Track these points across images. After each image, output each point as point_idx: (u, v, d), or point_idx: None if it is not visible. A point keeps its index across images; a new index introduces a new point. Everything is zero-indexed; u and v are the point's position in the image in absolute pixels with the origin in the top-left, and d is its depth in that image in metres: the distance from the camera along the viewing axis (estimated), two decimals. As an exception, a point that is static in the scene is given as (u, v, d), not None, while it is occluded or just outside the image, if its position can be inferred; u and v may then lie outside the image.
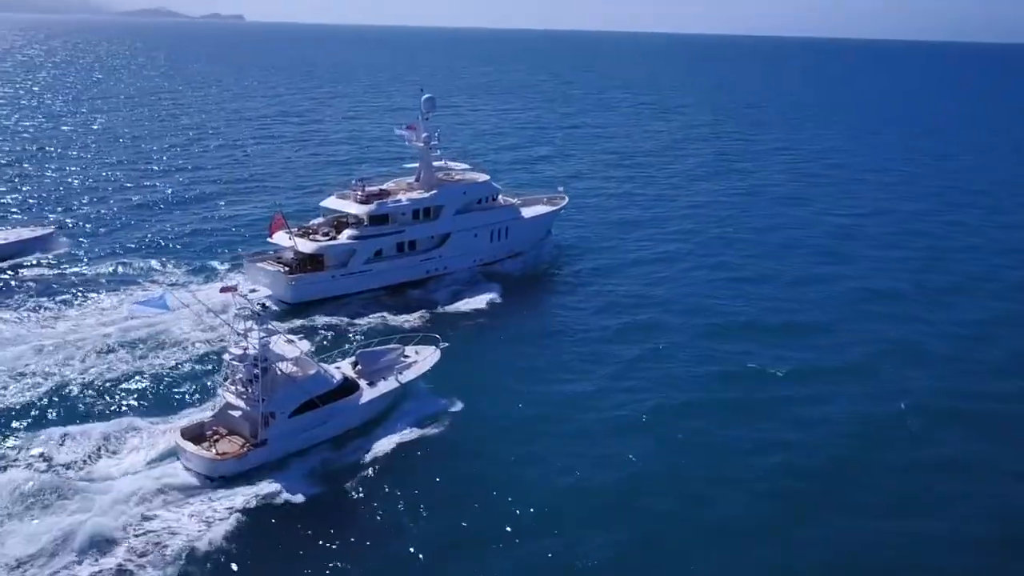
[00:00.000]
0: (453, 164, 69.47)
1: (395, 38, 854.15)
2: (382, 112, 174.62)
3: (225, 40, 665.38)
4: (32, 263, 63.22)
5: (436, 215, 62.78)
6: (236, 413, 37.23)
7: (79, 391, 43.03)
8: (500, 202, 68.26)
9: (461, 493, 35.87)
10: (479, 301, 57.98)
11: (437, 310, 56.59)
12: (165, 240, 71.77)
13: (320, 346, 48.42)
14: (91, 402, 42.09)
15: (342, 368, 41.86)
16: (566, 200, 75.39)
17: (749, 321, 57.30)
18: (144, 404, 42.19)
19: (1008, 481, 38.76)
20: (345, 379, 40.17)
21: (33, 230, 68.05)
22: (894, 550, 33.47)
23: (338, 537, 32.74)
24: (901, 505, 36.59)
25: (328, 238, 58.92)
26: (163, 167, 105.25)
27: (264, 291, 55.55)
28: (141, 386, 44.00)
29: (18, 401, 41.71)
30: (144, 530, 31.72)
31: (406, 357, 43.82)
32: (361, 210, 59.65)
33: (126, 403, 42.19)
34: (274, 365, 37.35)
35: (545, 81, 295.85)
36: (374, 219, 59.86)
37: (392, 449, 38.31)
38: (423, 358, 44.12)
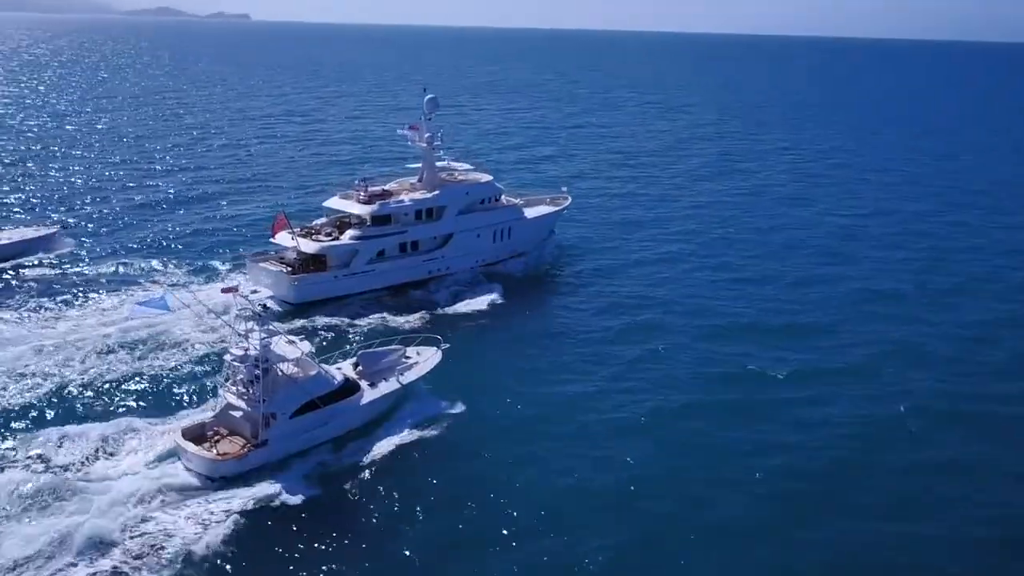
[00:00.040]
0: (456, 164, 69.45)
1: (400, 37, 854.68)
2: (387, 111, 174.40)
3: (230, 39, 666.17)
4: (34, 263, 63.39)
5: (439, 215, 62.76)
6: (237, 414, 37.29)
7: (78, 392, 43.04)
8: (503, 202, 68.17)
9: (462, 494, 35.88)
10: (480, 302, 57.99)
11: (438, 311, 56.58)
12: (167, 240, 71.92)
13: (321, 347, 48.40)
14: (90, 403, 42.11)
15: (343, 369, 41.90)
16: (569, 200, 75.26)
17: (750, 322, 57.21)
18: (143, 405, 42.19)
19: (1009, 483, 38.67)
20: (346, 380, 40.19)
21: (37, 230, 68.25)
22: (894, 551, 33.44)
23: (338, 538, 32.76)
24: (901, 506, 36.53)
25: (331, 238, 58.95)
26: (166, 167, 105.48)
27: (266, 292, 55.67)
28: (140, 387, 44.01)
29: (17, 402, 41.73)
30: (142, 532, 31.64)
31: (407, 358, 43.83)
32: (364, 210, 59.68)
33: (125, 404, 42.19)
34: (275, 366, 37.39)
35: (551, 80, 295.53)
36: (377, 219, 59.88)
37: (392, 450, 38.35)
38: (424, 359, 44.15)
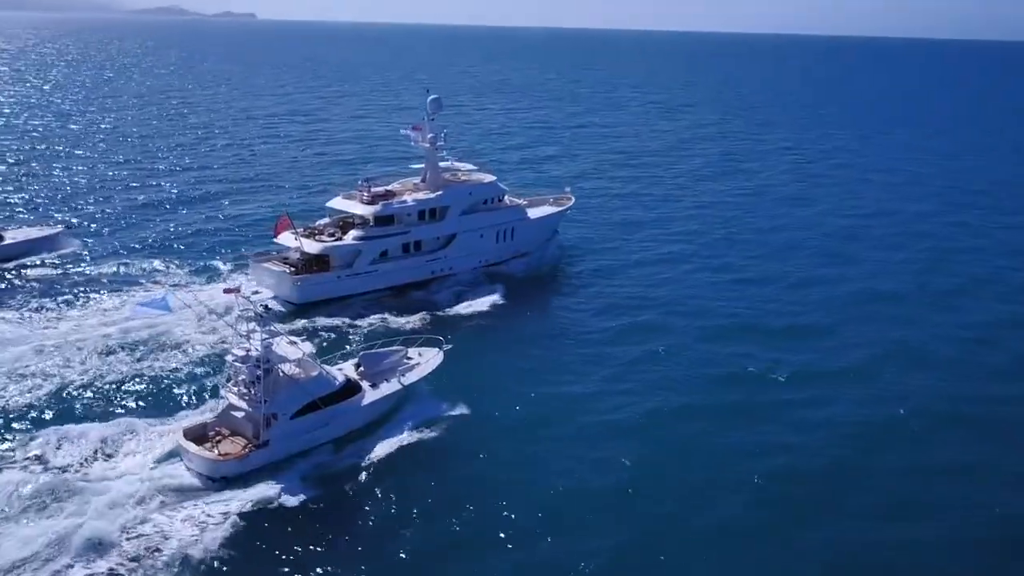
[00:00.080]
0: (459, 164, 69.46)
1: (394, 36, 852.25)
2: (389, 111, 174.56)
3: (237, 38, 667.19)
4: (37, 263, 63.59)
5: (442, 216, 62.82)
6: (238, 414, 37.40)
7: (78, 392, 43.13)
8: (506, 202, 68.22)
9: (462, 495, 35.96)
10: (482, 303, 58.04)
11: (440, 312, 56.62)
12: (169, 240, 72.07)
13: (322, 348, 48.48)
14: (90, 403, 42.20)
15: (344, 370, 41.99)
16: (572, 200, 75.24)
17: (751, 323, 57.22)
18: (143, 406, 42.27)
19: (1009, 484, 38.65)
20: (347, 381, 40.26)
21: (41, 229, 68.46)
22: (894, 552, 33.49)
23: (338, 539, 32.85)
24: (902, 507, 36.56)
25: (334, 239, 59.05)
26: (170, 166, 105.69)
27: (268, 292, 55.78)
28: (140, 388, 44.09)
29: (17, 402, 41.84)
30: (140, 534, 31.66)
31: (409, 359, 43.91)
32: (367, 211, 59.75)
33: (125, 405, 42.27)
34: (276, 366, 37.45)
35: (553, 79, 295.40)
36: (380, 220, 59.96)
37: (394, 451, 38.42)
38: (426, 360, 44.21)
